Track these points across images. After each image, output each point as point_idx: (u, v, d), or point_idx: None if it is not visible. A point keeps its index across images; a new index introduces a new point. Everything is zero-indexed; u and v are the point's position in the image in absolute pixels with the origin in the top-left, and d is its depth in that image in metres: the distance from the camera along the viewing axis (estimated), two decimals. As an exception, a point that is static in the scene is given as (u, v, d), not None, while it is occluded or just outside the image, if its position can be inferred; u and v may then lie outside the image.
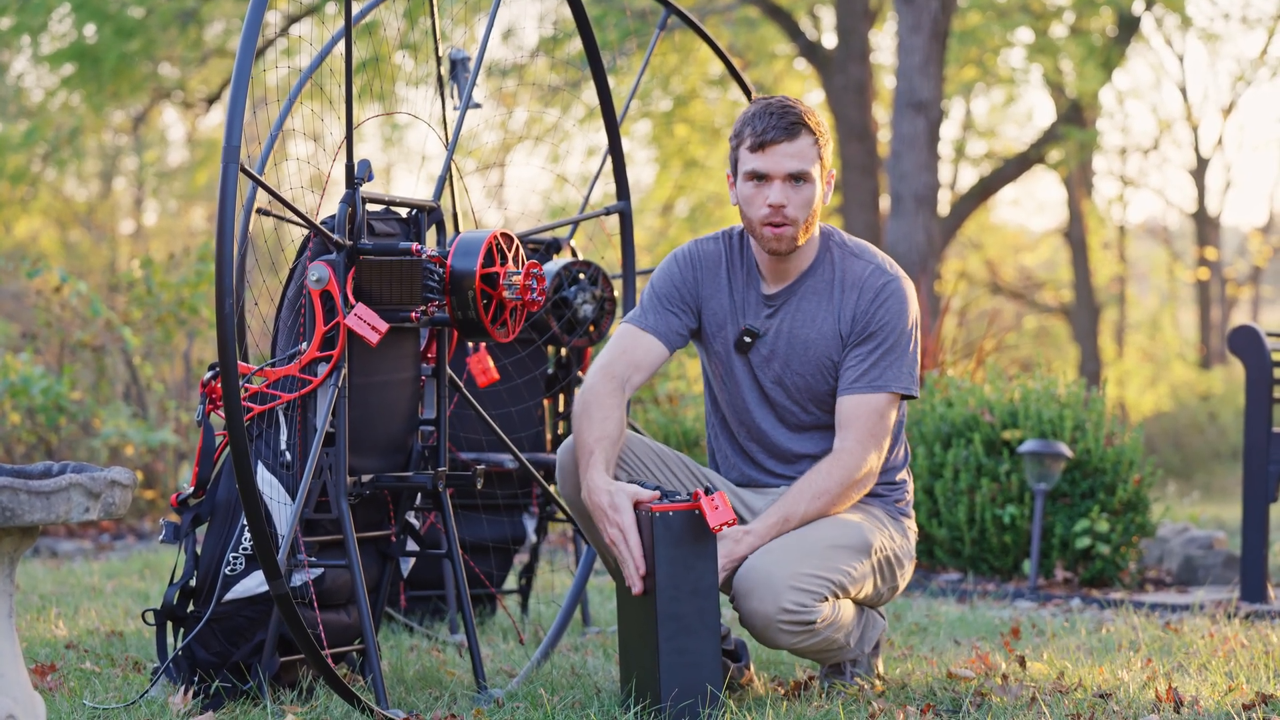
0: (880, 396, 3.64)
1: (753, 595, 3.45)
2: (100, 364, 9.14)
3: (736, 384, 3.76)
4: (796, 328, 3.70)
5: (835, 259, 3.73)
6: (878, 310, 3.66)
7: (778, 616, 3.44)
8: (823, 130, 3.66)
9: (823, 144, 3.65)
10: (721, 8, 14.90)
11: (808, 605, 3.45)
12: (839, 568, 3.52)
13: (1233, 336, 5.66)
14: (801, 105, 3.66)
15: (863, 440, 3.63)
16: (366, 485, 3.61)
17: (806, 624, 3.46)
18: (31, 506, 2.60)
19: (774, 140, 3.60)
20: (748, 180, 3.64)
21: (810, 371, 3.70)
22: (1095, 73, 15.26)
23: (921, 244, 11.39)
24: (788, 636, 3.47)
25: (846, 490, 3.62)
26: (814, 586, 3.47)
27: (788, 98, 3.68)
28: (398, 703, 3.58)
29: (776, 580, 3.44)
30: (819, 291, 3.71)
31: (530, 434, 4.95)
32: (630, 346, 3.70)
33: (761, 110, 3.64)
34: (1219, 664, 4.02)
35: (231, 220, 3.06)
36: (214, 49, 15.26)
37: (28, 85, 18.59)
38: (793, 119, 3.61)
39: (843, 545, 3.55)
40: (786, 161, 3.61)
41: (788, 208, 3.61)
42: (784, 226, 3.63)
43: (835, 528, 3.58)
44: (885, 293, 3.67)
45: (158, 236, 23.78)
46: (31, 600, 5.39)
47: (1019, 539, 6.20)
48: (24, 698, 2.71)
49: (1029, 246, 26.22)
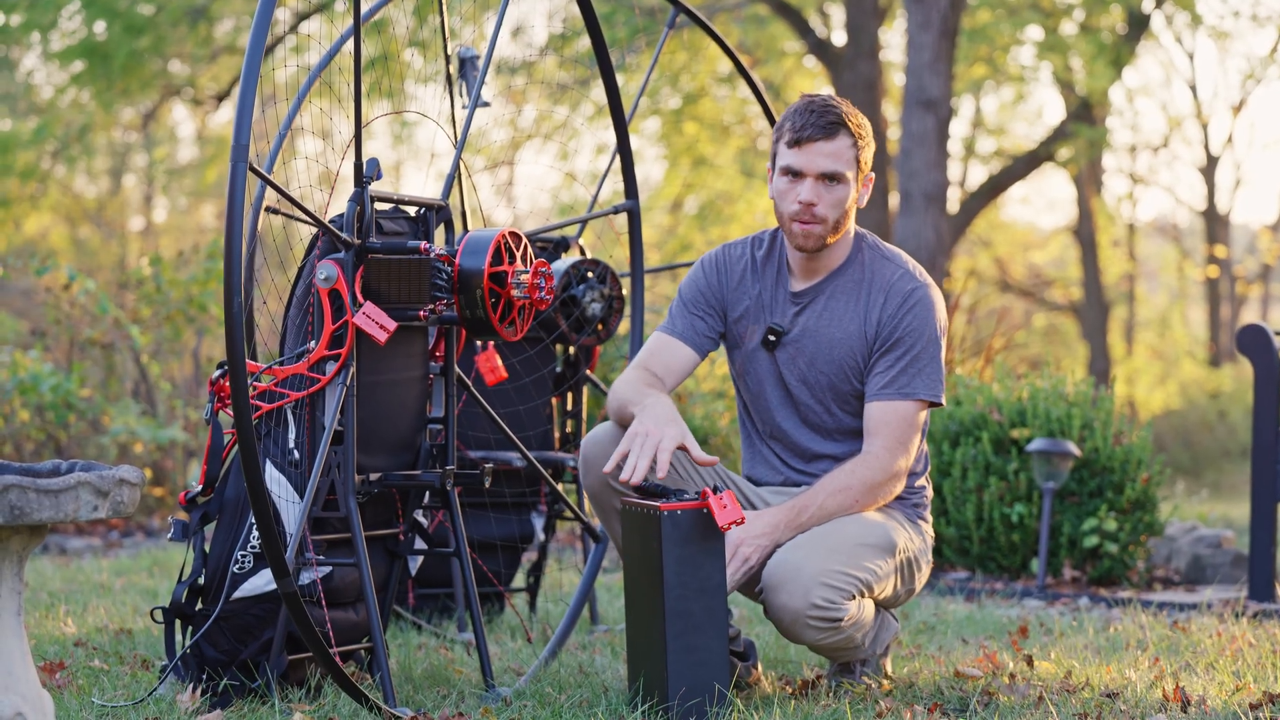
0: (908, 404, 3.65)
1: (782, 589, 3.45)
2: (109, 361, 9.15)
3: (761, 383, 3.77)
4: (823, 326, 3.71)
5: (866, 261, 3.73)
6: (905, 316, 3.66)
7: (807, 612, 3.44)
8: (864, 133, 3.66)
9: (862, 146, 3.65)
10: (730, 5, 14.89)
11: (836, 602, 3.45)
12: (866, 565, 3.53)
13: (1241, 335, 5.65)
14: (845, 106, 3.66)
15: (890, 446, 3.63)
16: (375, 483, 3.61)
17: (834, 620, 3.46)
18: (40, 505, 2.60)
19: (811, 138, 3.61)
20: (783, 175, 3.66)
21: (833, 370, 3.70)
22: (1105, 70, 15.24)
23: (931, 242, 11.38)
24: (814, 632, 3.47)
25: (869, 491, 3.62)
26: (843, 583, 3.47)
27: (835, 98, 3.68)
28: (405, 701, 3.58)
29: (806, 575, 3.43)
30: (846, 291, 3.72)
31: (538, 432, 4.95)
32: (659, 349, 3.75)
33: (804, 107, 3.65)
34: (1226, 663, 4.02)
35: (240, 218, 3.06)
36: (223, 46, 15.28)
37: (37, 82, 18.63)
38: (832, 118, 3.62)
39: (869, 544, 3.56)
40: (821, 160, 3.61)
41: (818, 206, 3.63)
42: (813, 224, 3.64)
43: (861, 526, 3.58)
44: (913, 299, 3.67)
45: (167, 234, 23.82)
46: (40, 598, 5.40)
47: (1027, 538, 6.20)
48: (32, 695, 2.72)
49: (1038, 244, 26.22)
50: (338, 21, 9.58)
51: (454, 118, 4.09)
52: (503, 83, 11.89)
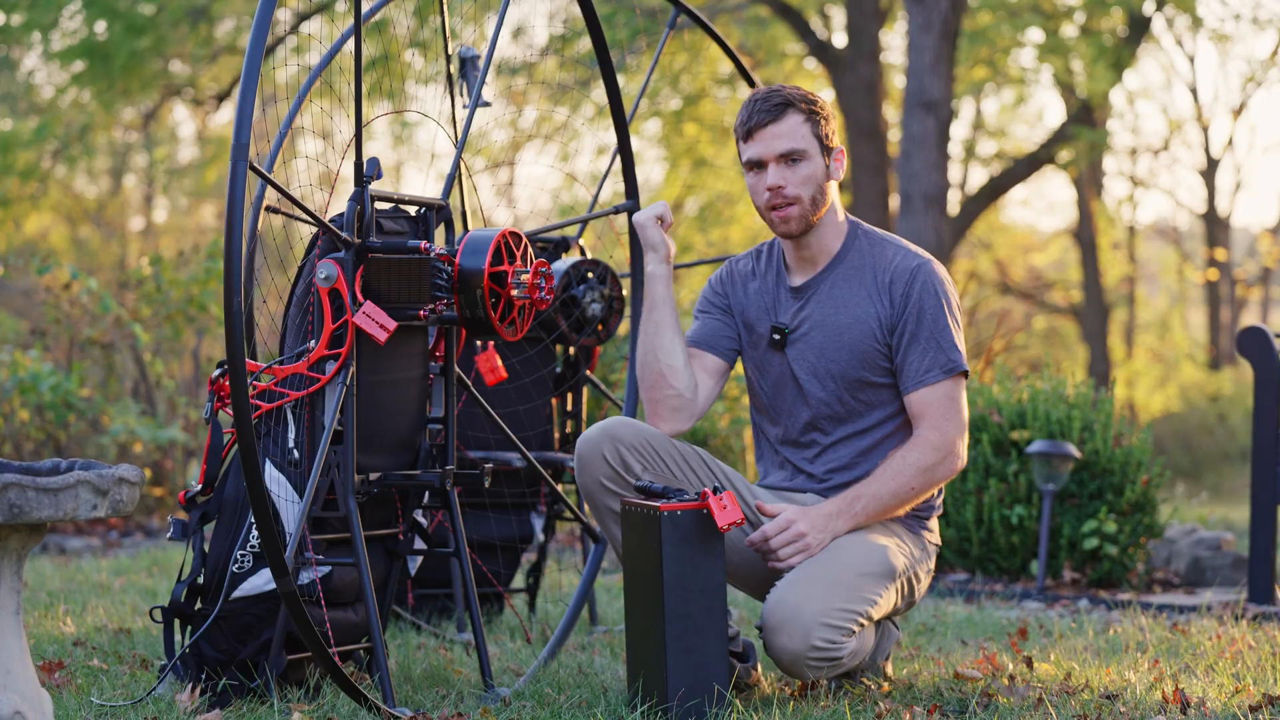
0: (941, 383, 3.66)
1: (781, 631, 3.44)
2: (109, 361, 9.15)
3: (775, 384, 3.78)
4: (830, 314, 3.71)
5: (864, 247, 3.75)
6: (917, 294, 3.66)
7: (807, 654, 3.43)
8: (817, 109, 3.69)
9: (818, 121, 3.68)
10: (731, 6, 14.89)
11: (837, 641, 3.45)
12: (866, 597, 3.52)
13: (1241, 338, 5.65)
14: (791, 89, 3.70)
15: (937, 425, 3.65)
16: (374, 483, 3.61)
17: (834, 659, 3.47)
18: (39, 503, 2.60)
19: (760, 124, 3.66)
20: (748, 171, 3.72)
21: (845, 357, 3.70)
22: (1106, 73, 15.25)
23: (931, 244, 11.38)
24: (814, 671, 3.48)
25: (922, 473, 3.62)
26: (842, 621, 3.46)
27: (779, 85, 3.73)
28: (405, 701, 3.58)
29: (806, 616, 3.42)
30: (849, 278, 3.72)
31: (538, 433, 4.95)
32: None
33: (748, 101, 3.71)
34: (1226, 665, 4.01)
35: (240, 218, 3.06)
36: (224, 46, 15.28)
37: (38, 82, 18.63)
38: (777, 101, 3.67)
39: (869, 572, 3.55)
40: (776, 143, 3.65)
41: (787, 187, 3.66)
42: (789, 206, 3.67)
43: (862, 552, 3.57)
44: (920, 275, 3.68)
45: (167, 233, 23.83)
46: (39, 597, 5.40)
47: (1027, 539, 6.20)
48: (31, 694, 2.71)
49: (1038, 247, 26.22)
50: (338, 21, 9.57)
51: (454, 118, 4.09)
52: (503, 83, 11.88)
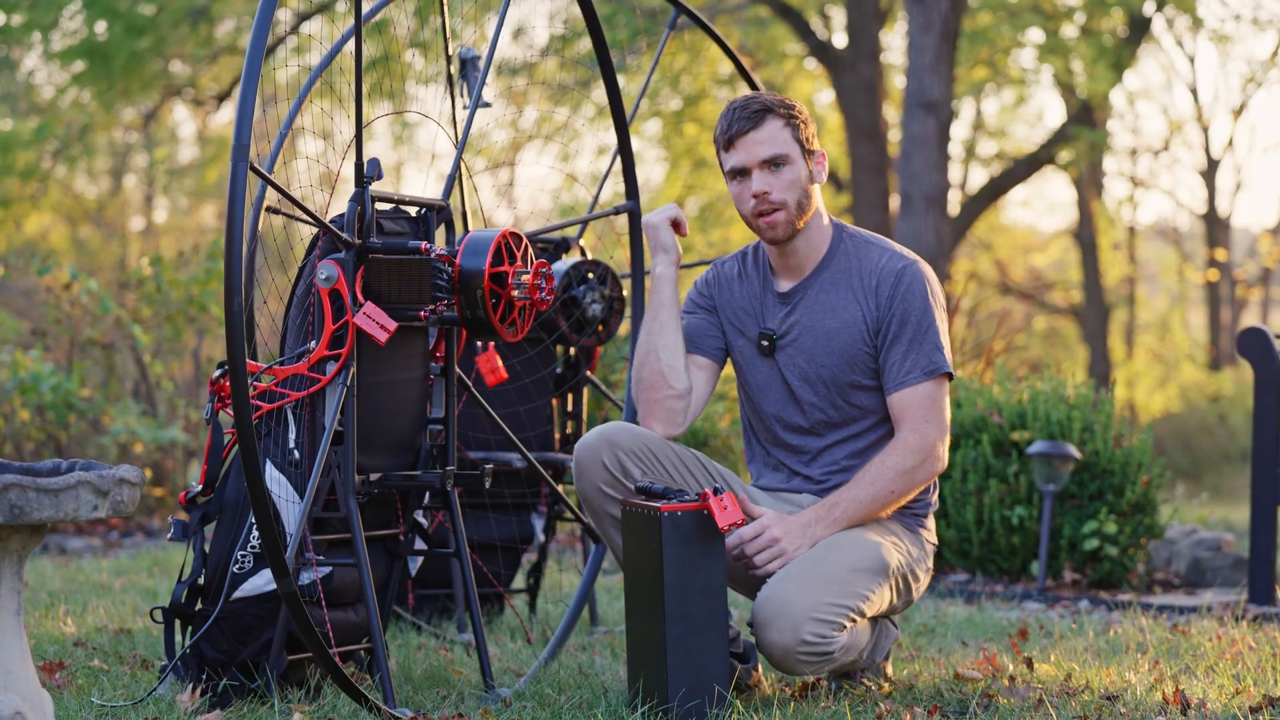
0: (924, 384, 3.65)
1: (771, 626, 3.44)
2: (110, 361, 9.15)
3: (762, 389, 3.78)
4: (817, 319, 3.71)
5: (850, 250, 3.75)
6: (902, 296, 3.66)
7: (797, 649, 3.43)
8: (795, 113, 3.69)
9: (797, 125, 3.68)
10: (731, 7, 14.89)
11: (827, 636, 3.44)
12: (857, 592, 3.52)
13: (1241, 338, 5.65)
14: (768, 95, 3.71)
15: (917, 428, 3.64)
16: (375, 484, 3.61)
17: (825, 654, 3.46)
18: (40, 504, 2.60)
19: (740, 132, 3.66)
20: (732, 180, 3.72)
21: (835, 362, 3.70)
22: (1106, 73, 15.25)
23: (931, 244, 11.39)
24: (805, 667, 3.47)
25: (901, 477, 3.61)
26: (833, 616, 3.46)
27: (757, 92, 3.74)
28: (405, 701, 3.58)
29: (795, 611, 3.42)
30: (836, 282, 3.72)
31: (539, 433, 4.95)
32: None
33: (726, 110, 3.72)
34: (1226, 666, 4.01)
35: (240, 218, 3.06)
36: (224, 46, 15.28)
37: (38, 82, 18.63)
38: (755, 108, 3.67)
39: (862, 569, 3.54)
40: (757, 149, 3.66)
41: (772, 193, 3.66)
42: (775, 212, 3.67)
43: (855, 549, 3.56)
44: (905, 276, 3.67)
45: (168, 234, 23.83)
46: (40, 597, 5.40)
47: (1027, 540, 6.20)
48: (32, 695, 2.71)
49: (1039, 247, 26.23)
50: (339, 22, 9.57)
51: (455, 118, 4.09)
52: (504, 84, 11.87)
